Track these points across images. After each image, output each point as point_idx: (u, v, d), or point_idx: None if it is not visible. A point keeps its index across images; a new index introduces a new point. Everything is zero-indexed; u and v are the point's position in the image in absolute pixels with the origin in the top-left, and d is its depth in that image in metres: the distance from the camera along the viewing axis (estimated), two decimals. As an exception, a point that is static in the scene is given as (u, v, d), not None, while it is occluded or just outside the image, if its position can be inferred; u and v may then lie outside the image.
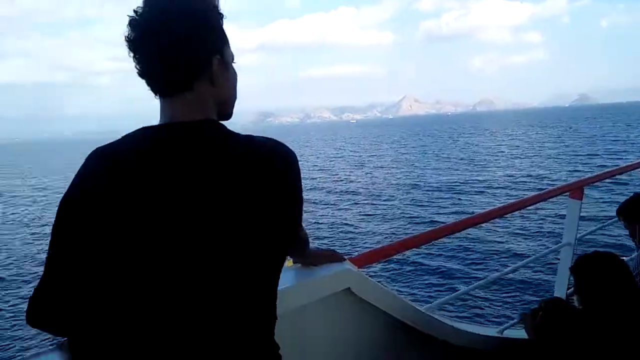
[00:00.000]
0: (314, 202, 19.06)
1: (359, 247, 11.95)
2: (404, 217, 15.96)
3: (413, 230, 13.57)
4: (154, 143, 0.88)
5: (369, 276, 1.57)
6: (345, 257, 1.53)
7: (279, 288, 1.00)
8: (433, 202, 18.03)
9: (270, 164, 0.92)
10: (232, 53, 0.98)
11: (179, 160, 0.86)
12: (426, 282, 9.71)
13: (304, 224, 1.19)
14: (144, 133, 0.89)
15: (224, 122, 0.97)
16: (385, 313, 1.61)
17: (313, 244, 1.49)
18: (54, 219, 0.86)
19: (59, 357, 0.97)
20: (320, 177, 27.42)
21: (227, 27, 0.96)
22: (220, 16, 0.94)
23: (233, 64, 0.99)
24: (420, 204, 17.91)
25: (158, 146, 0.87)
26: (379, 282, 1.66)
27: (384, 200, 19.07)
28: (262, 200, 0.89)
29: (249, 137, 0.94)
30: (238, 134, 0.93)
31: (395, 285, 9.23)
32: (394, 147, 49.61)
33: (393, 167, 30.53)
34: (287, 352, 1.00)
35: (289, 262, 1.42)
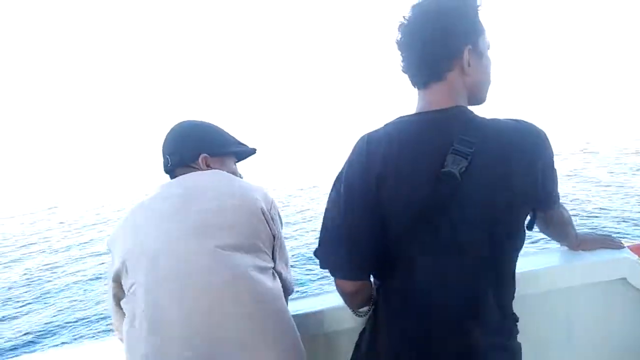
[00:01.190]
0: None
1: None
2: None
3: None
4: (404, 130, 1.02)
5: None
6: (625, 244, 1.42)
7: (540, 267, 1.03)
8: None
9: (520, 142, 0.97)
10: (487, 41, 1.05)
11: (425, 142, 0.99)
12: None
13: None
14: (400, 121, 1.05)
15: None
16: None
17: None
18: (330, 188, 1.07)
19: None
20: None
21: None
22: (474, 7, 1.02)
23: (488, 51, 1.06)
24: None
25: (408, 131, 1.02)
26: None
27: None
28: (511, 177, 0.96)
29: (495, 119, 1.01)
30: (484, 118, 1.01)
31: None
32: None
33: None
34: (544, 329, 1.01)
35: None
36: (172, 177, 1.31)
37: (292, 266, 1.35)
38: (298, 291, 1.42)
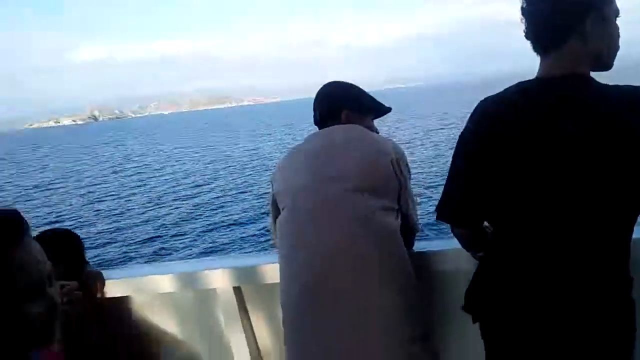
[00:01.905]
0: None
1: None
2: None
3: None
4: (522, 95, 1.08)
5: None
6: None
7: None
8: None
9: (638, 107, 0.98)
10: (616, 8, 1.03)
11: (541, 106, 1.03)
12: None
13: None
14: (517, 86, 1.10)
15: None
16: None
17: None
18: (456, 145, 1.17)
19: None
20: None
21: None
22: None
23: (617, 18, 1.04)
24: None
25: (524, 98, 1.07)
26: None
27: None
28: (628, 139, 0.97)
29: (615, 86, 1.01)
30: (603, 84, 1.01)
31: None
32: None
33: None
34: None
35: None
36: (320, 128, 1.57)
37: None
38: (423, 230, 1.59)
